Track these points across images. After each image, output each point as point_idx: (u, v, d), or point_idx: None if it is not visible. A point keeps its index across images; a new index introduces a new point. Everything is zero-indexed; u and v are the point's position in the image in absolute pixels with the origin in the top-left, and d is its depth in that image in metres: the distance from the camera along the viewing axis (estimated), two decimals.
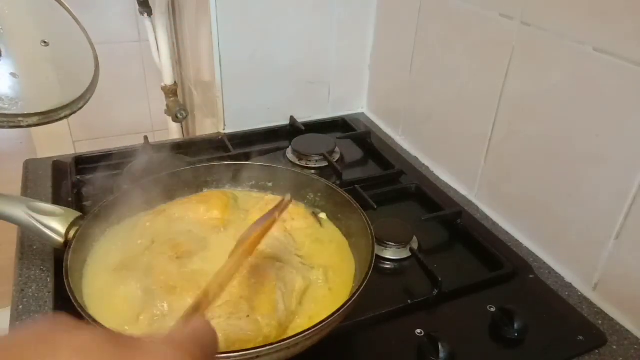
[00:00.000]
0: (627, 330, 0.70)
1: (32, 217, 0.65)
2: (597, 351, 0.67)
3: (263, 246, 0.70)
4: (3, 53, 0.65)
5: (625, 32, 0.64)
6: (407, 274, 0.79)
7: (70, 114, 0.72)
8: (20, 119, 0.65)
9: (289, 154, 1.07)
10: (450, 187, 1.00)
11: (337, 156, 1.07)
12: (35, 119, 0.67)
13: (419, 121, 1.09)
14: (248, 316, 0.59)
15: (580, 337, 0.68)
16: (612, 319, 0.72)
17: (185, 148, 1.07)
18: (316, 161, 1.04)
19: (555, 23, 0.73)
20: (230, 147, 1.06)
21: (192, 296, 0.62)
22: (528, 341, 0.67)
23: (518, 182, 0.85)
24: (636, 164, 0.65)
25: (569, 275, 0.78)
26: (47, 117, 0.68)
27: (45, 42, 0.71)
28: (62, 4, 0.76)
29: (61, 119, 0.70)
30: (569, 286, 0.77)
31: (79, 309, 0.56)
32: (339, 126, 1.21)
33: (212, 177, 0.83)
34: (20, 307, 0.69)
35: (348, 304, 0.57)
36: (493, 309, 0.70)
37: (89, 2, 1.46)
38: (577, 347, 0.67)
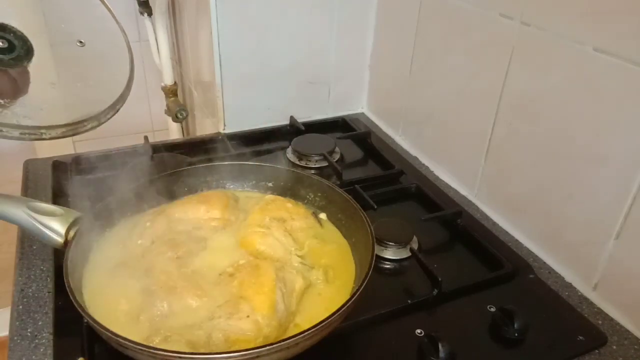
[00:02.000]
0: (627, 330, 0.70)
1: (32, 217, 0.65)
2: (597, 351, 0.67)
3: (263, 246, 0.70)
4: (36, 53, 0.59)
5: (625, 32, 0.64)
6: (407, 274, 0.79)
7: (97, 126, 0.65)
8: (42, 131, 0.59)
9: (289, 154, 1.07)
10: (450, 187, 1.00)
11: (337, 156, 1.07)
12: (59, 131, 0.60)
13: (419, 121, 1.09)
14: (248, 316, 0.59)
15: (580, 337, 0.68)
16: (612, 319, 0.72)
17: (185, 148, 1.07)
18: (316, 161, 1.04)
19: (555, 23, 0.73)
20: (230, 147, 1.06)
21: (192, 296, 0.62)
22: (528, 341, 0.67)
23: (518, 182, 0.85)
24: (636, 164, 0.65)
25: (569, 275, 0.78)
26: (72, 129, 0.62)
27: (81, 42, 0.65)
28: (102, 1, 0.69)
29: (87, 130, 0.64)
30: (569, 286, 0.77)
31: (79, 309, 0.56)
32: (339, 126, 1.21)
33: (212, 177, 0.83)
34: (20, 307, 0.69)
35: (348, 304, 0.57)
36: (493, 309, 0.70)
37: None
38: (577, 347, 0.67)
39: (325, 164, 1.02)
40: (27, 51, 0.59)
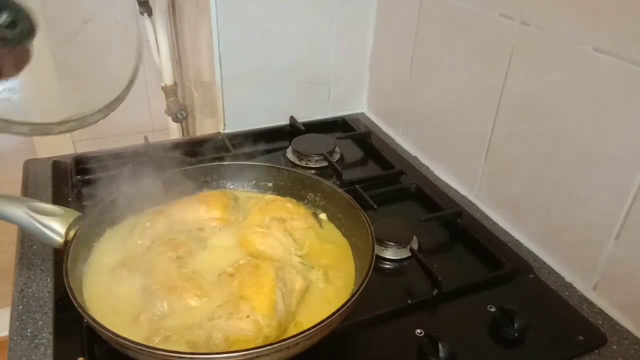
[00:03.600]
0: (627, 330, 0.70)
1: (32, 217, 0.65)
2: (597, 351, 0.67)
3: (263, 246, 0.70)
4: (42, 28, 0.54)
5: (625, 32, 0.64)
6: (407, 274, 0.79)
7: (103, 117, 0.62)
8: (51, 127, 0.57)
9: (289, 154, 1.07)
10: (450, 187, 1.00)
11: (337, 156, 1.07)
12: (68, 126, 0.58)
13: (419, 121, 1.09)
14: (248, 316, 0.59)
15: (580, 337, 0.68)
16: (612, 319, 0.72)
17: (185, 148, 1.07)
18: (316, 161, 1.04)
19: (555, 23, 0.73)
20: (230, 147, 1.06)
21: (192, 296, 0.62)
22: (528, 341, 0.66)
23: (518, 182, 0.85)
24: (636, 164, 0.65)
25: (569, 275, 0.78)
26: (82, 122, 0.59)
27: (85, 21, 0.61)
28: None
29: (94, 122, 0.61)
30: (569, 286, 0.77)
31: (79, 309, 0.56)
32: (339, 126, 1.21)
33: (212, 177, 0.83)
34: (20, 307, 0.69)
35: (348, 304, 0.57)
36: (493, 309, 0.70)
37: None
38: (577, 347, 0.67)
39: (325, 164, 1.02)
40: (30, 28, 0.55)
